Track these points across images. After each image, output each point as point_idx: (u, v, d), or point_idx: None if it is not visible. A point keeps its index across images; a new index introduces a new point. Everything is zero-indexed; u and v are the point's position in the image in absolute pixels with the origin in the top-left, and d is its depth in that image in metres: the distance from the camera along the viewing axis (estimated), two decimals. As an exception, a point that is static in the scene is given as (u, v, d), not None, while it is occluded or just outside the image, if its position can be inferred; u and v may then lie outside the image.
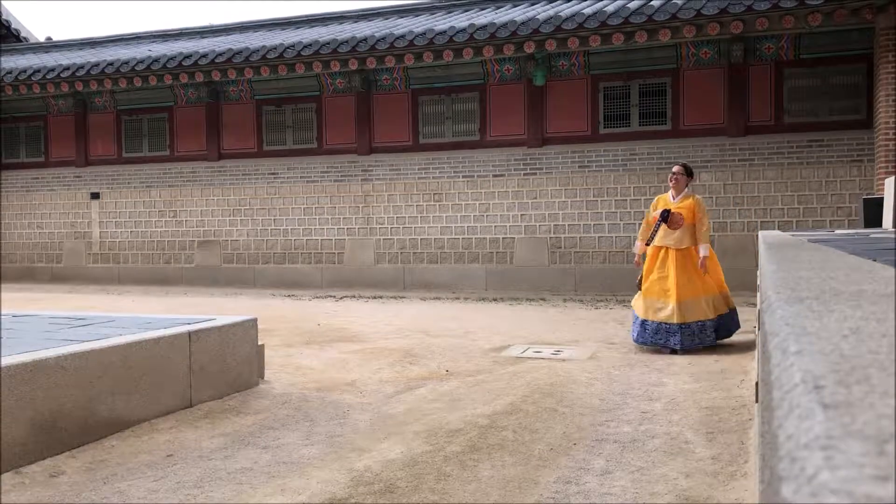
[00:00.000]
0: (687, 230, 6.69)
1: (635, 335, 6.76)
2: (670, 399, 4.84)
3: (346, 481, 3.35)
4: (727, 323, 6.83)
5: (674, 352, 6.46)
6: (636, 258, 7.17)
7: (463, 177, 12.96)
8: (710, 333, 6.57)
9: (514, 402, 4.78)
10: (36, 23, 59.64)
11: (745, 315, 8.77)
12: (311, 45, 12.80)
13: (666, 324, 6.49)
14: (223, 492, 3.25)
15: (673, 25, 10.92)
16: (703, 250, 6.67)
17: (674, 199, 6.89)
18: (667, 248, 6.70)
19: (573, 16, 11.32)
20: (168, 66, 13.64)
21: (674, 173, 7.12)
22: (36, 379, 3.60)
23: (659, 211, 6.75)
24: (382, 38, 12.38)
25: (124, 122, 15.39)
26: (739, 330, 7.23)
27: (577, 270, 12.35)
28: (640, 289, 6.98)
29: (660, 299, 6.61)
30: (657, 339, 6.55)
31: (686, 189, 6.89)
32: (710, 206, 11.75)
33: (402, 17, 14.81)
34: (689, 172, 7.09)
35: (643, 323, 6.65)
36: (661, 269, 6.69)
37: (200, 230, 14.79)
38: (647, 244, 6.76)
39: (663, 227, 6.68)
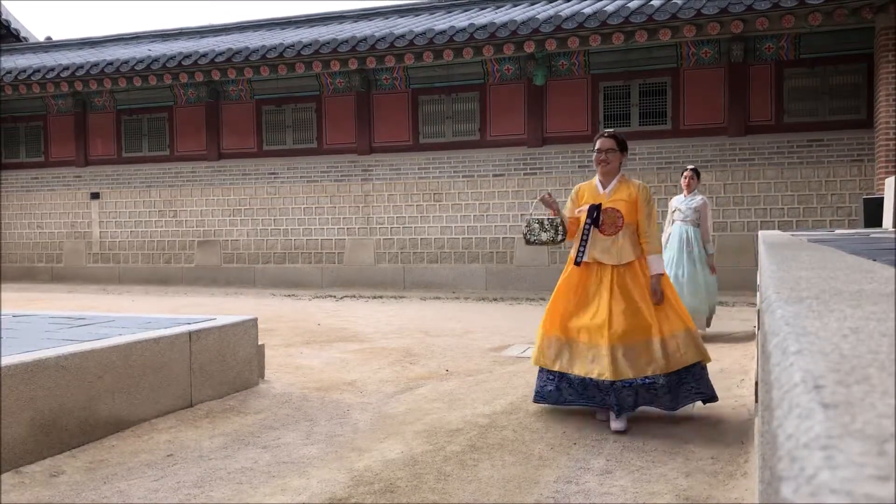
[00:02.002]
0: (629, 236, 4.39)
1: (545, 392, 4.44)
2: (670, 399, 4.84)
3: (347, 481, 3.35)
4: (695, 382, 4.27)
5: (619, 432, 4.11)
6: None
7: (463, 176, 12.96)
8: (664, 396, 4.14)
9: (514, 401, 4.78)
10: (36, 23, 59.63)
11: (745, 315, 8.77)
12: (310, 44, 12.80)
13: (595, 380, 4.20)
14: (223, 491, 3.25)
15: (673, 25, 10.92)
16: (655, 265, 4.35)
17: (604, 188, 4.50)
18: (599, 264, 4.40)
19: (573, 15, 11.32)
20: (168, 65, 13.64)
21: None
22: (36, 379, 3.60)
23: (585, 207, 4.48)
24: (382, 38, 12.38)
25: (124, 121, 15.39)
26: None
27: (577, 270, 12.34)
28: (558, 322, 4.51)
29: (585, 341, 4.30)
30: (586, 399, 4.26)
31: (620, 173, 4.52)
32: (710, 206, 11.76)
33: (402, 17, 14.81)
34: (622, 147, 4.56)
35: (561, 377, 4.35)
36: (587, 298, 4.39)
37: (200, 230, 14.79)
38: (578, 262, 4.42)
39: (594, 232, 4.42)
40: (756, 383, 2.74)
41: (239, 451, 3.83)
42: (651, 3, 11.06)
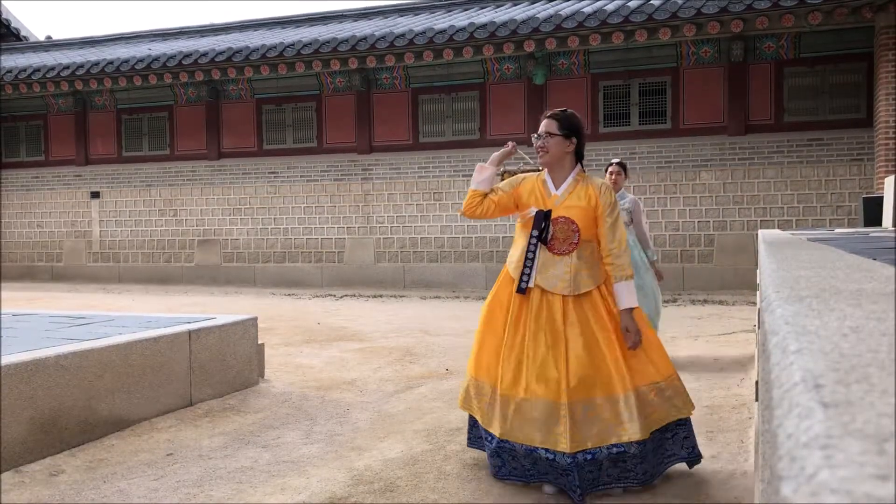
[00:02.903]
0: (587, 256, 3.32)
1: (490, 459, 3.33)
2: (670, 398, 4.84)
3: (346, 480, 3.35)
4: (677, 442, 3.32)
5: None
6: None
7: (463, 176, 12.95)
8: (637, 468, 3.13)
9: (514, 400, 4.78)
10: (36, 22, 59.60)
11: (746, 314, 8.78)
12: (310, 43, 12.79)
13: (548, 451, 3.11)
14: (223, 491, 3.25)
15: (673, 24, 10.91)
16: (626, 295, 3.27)
17: (556, 189, 3.40)
18: (544, 292, 3.30)
19: (573, 14, 11.31)
20: (168, 65, 13.64)
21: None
22: (36, 378, 3.60)
23: (532, 211, 3.37)
24: (382, 37, 12.37)
25: (124, 121, 15.39)
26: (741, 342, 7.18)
27: (577, 269, 12.35)
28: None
29: (530, 398, 3.18)
30: (536, 476, 3.20)
31: (577, 168, 3.44)
32: (710, 206, 11.78)
33: (402, 16, 14.80)
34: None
35: (501, 444, 3.24)
36: (532, 339, 3.25)
37: (200, 229, 14.79)
38: (522, 289, 3.31)
39: (542, 250, 3.32)
40: (756, 382, 2.74)
41: (239, 450, 3.84)
42: (651, 2, 11.05)
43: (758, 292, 3.48)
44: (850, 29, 10.91)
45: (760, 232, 6.23)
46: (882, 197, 8.30)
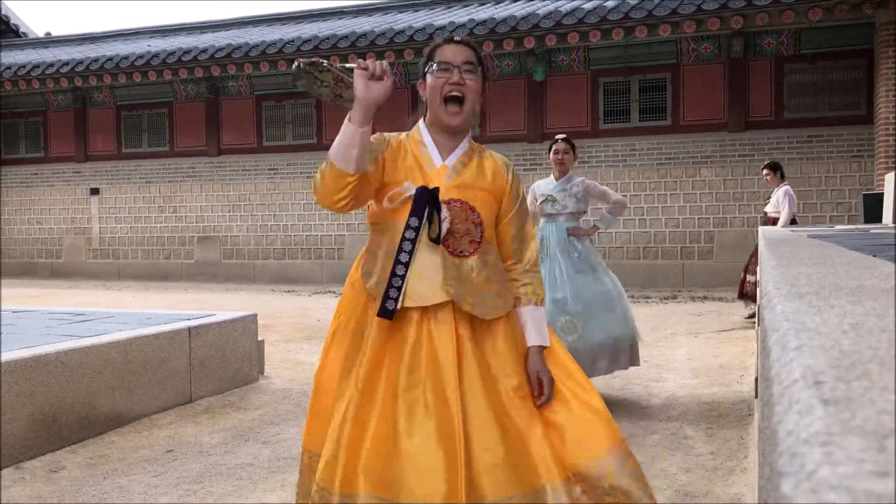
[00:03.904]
0: (493, 263, 2.16)
1: None
2: (670, 394, 4.85)
3: (346, 476, 3.35)
4: None
5: None
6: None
7: (463, 172, 12.95)
8: None
9: (514, 397, 4.78)
10: (35, 18, 59.54)
11: (746, 311, 8.77)
12: (310, 40, 12.78)
13: None
14: (223, 487, 3.25)
15: (673, 21, 10.90)
16: (536, 328, 2.17)
17: (443, 158, 2.17)
18: (425, 316, 2.05)
19: (573, 11, 11.30)
20: (167, 61, 13.62)
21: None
22: (36, 374, 3.60)
23: (408, 189, 2.08)
24: (382, 34, 12.36)
25: (124, 117, 15.37)
26: (745, 313, 7.21)
27: (576, 266, 12.36)
28: None
29: (404, 498, 1.85)
30: None
31: (468, 137, 2.23)
32: (710, 202, 11.78)
33: (401, 13, 14.78)
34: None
35: None
36: (409, 398, 1.97)
37: (200, 226, 14.79)
38: (389, 311, 2.01)
39: (426, 249, 2.06)
40: (756, 379, 2.74)
41: (239, 446, 3.84)
42: (651, -2, 11.05)
43: (758, 289, 3.48)
44: (850, 25, 10.90)
45: (761, 228, 6.23)
46: (882, 194, 8.30)
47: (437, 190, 2.08)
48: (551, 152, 4.92)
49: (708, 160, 11.73)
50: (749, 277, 7.88)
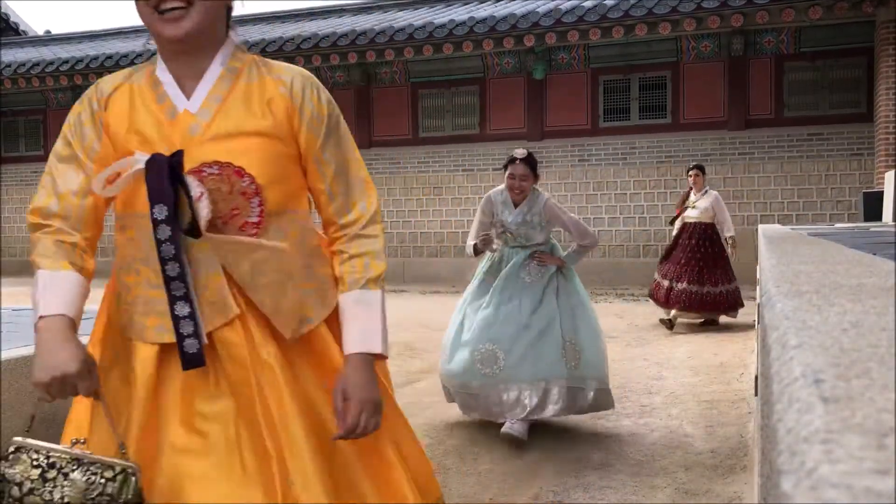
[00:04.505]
0: (297, 240, 1.55)
1: None
2: (670, 392, 4.85)
3: (346, 475, 3.35)
4: None
5: None
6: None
7: (463, 170, 12.95)
8: None
9: (514, 395, 4.78)
10: (35, 16, 59.53)
11: (745, 309, 8.78)
12: (310, 38, 12.78)
13: None
14: (223, 485, 3.25)
15: (673, 19, 10.90)
16: (353, 322, 1.48)
17: (186, 101, 1.45)
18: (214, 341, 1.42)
19: (573, 9, 11.30)
20: (167, 59, 13.61)
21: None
22: (36, 372, 3.60)
23: (136, 161, 1.39)
24: (382, 32, 12.36)
25: (123, 115, 15.37)
26: (741, 312, 7.23)
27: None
28: None
29: None
30: None
31: (227, 49, 1.61)
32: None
33: (401, 10, 14.77)
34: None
35: None
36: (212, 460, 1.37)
37: (200, 224, 14.79)
38: (196, 359, 1.39)
39: (189, 243, 1.43)
40: (756, 377, 2.74)
41: (239, 444, 3.84)
42: (651, -4, 11.05)
43: (757, 287, 3.49)
44: (850, 23, 10.89)
45: (760, 227, 6.22)
46: (882, 192, 8.31)
47: (179, 154, 1.38)
48: (506, 175, 3.95)
49: (708, 158, 11.72)
50: (664, 282, 7.47)
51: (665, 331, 7.41)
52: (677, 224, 7.80)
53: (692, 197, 7.66)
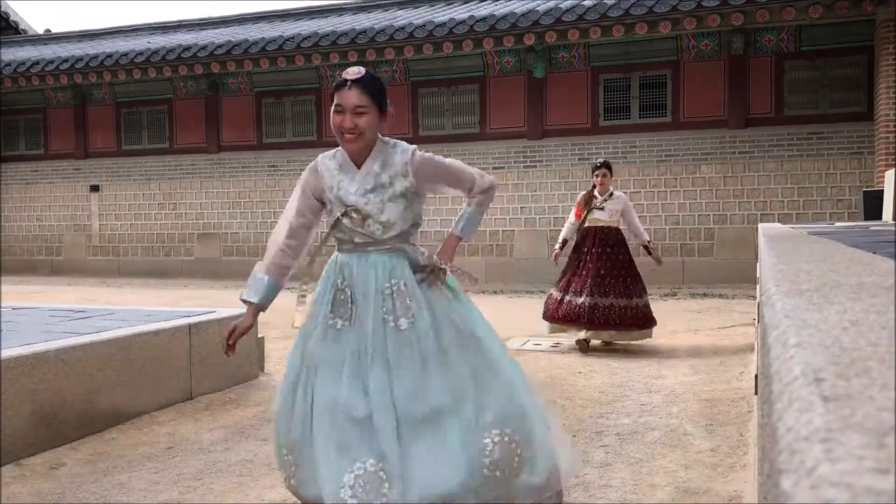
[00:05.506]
0: None
1: None
2: (670, 391, 4.85)
3: (347, 473, 3.35)
4: None
5: None
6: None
7: (463, 169, 12.93)
8: None
9: (514, 394, 4.78)
10: (35, 15, 59.48)
11: (746, 307, 8.78)
12: (310, 36, 12.77)
13: None
14: (223, 484, 3.26)
15: (673, 17, 10.89)
16: None
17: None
18: None
19: (573, 7, 11.29)
20: (167, 58, 13.61)
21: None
22: (36, 371, 3.60)
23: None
24: (382, 30, 12.35)
25: (123, 114, 15.36)
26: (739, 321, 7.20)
27: (576, 263, 12.35)
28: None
29: None
30: None
31: None
32: (710, 199, 11.77)
33: (401, 9, 14.76)
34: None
35: None
36: None
37: (200, 223, 14.78)
38: None
39: None
40: (756, 376, 2.74)
41: (239, 443, 3.84)
42: (651, -5, 11.04)
43: (758, 286, 3.49)
44: (850, 22, 10.88)
45: (761, 225, 6.22)
46: (882, 191, 8.30)
47: None
48: (332, 111, 2.46)
49: (708, 157, 11.72)
50: (559, 294, 6.37)
51: (665, 329, 7.39)
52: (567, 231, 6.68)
53: (598, 198, 6.50)
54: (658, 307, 8.12)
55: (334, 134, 2.49)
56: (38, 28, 20.12)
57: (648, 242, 6.61)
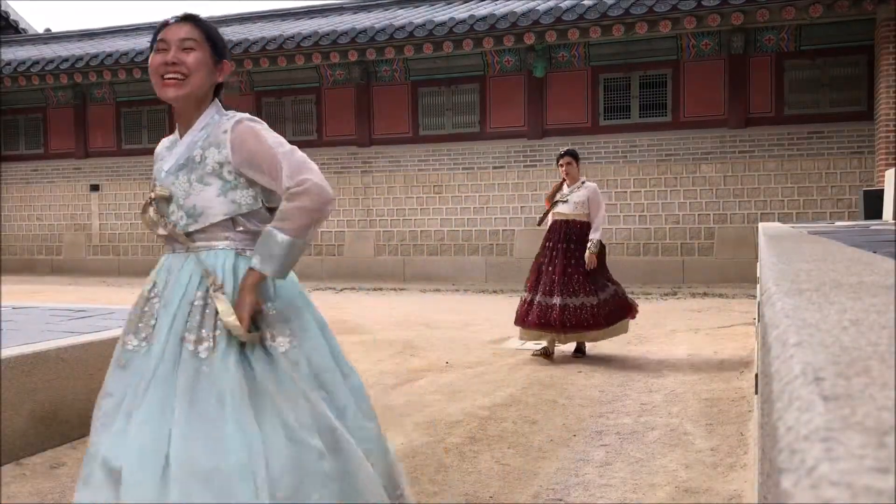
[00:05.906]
0: None
1: None
2: (670, 390, 4.85)
3: (347, 473, 3.35)
4: None
5: None
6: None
7: (463, 169, 12.94)
8: None
9: (514, 393, 4.79)
10: (35, 14, 59.49)
11: (746, 307, 8.78)
12: (310, 36, 12.77)
13: None
14: (224, 483, 3.25)
15: (673, 16, 10.89)
16: None
17: None
18: None
19: (573, 7, 11.29)
20: (167, 57, 13.61)
21: None
22: (36, 371, 3.60)
23: None
24: (382, 30, 12.35)
25: (124, 113, 15.36)
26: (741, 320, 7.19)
27: (576, 262, 12.35)
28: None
29: None
30: None
31: None
32: (710, 199, 11.78)
33: (402, 8, 14.76)
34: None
35: None
36: None
37: (200, 222, 14.78)
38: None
39: None
40: (756, 375, 2.74)
41: (239, 442, 3.84)
42: (651, -6, 11.04)
43: (758, 285, 3.49)
44: (850, 21, 10.88)
45: (761, 225, 6.21)
46: (882, 190, 8.30)
47: None
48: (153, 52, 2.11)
49: (708, 156, 11.72)
50: (538, 298, 5.92)
51: (665, 329, 7.40)
52: (549, 219, 6.34)
53: (564, 189, 6.22)
54: (658, 307, 8.13)
55: (153, 84, 2.02)
56: (38, 27, 20.13)
57: (595, 242, 6.02)
